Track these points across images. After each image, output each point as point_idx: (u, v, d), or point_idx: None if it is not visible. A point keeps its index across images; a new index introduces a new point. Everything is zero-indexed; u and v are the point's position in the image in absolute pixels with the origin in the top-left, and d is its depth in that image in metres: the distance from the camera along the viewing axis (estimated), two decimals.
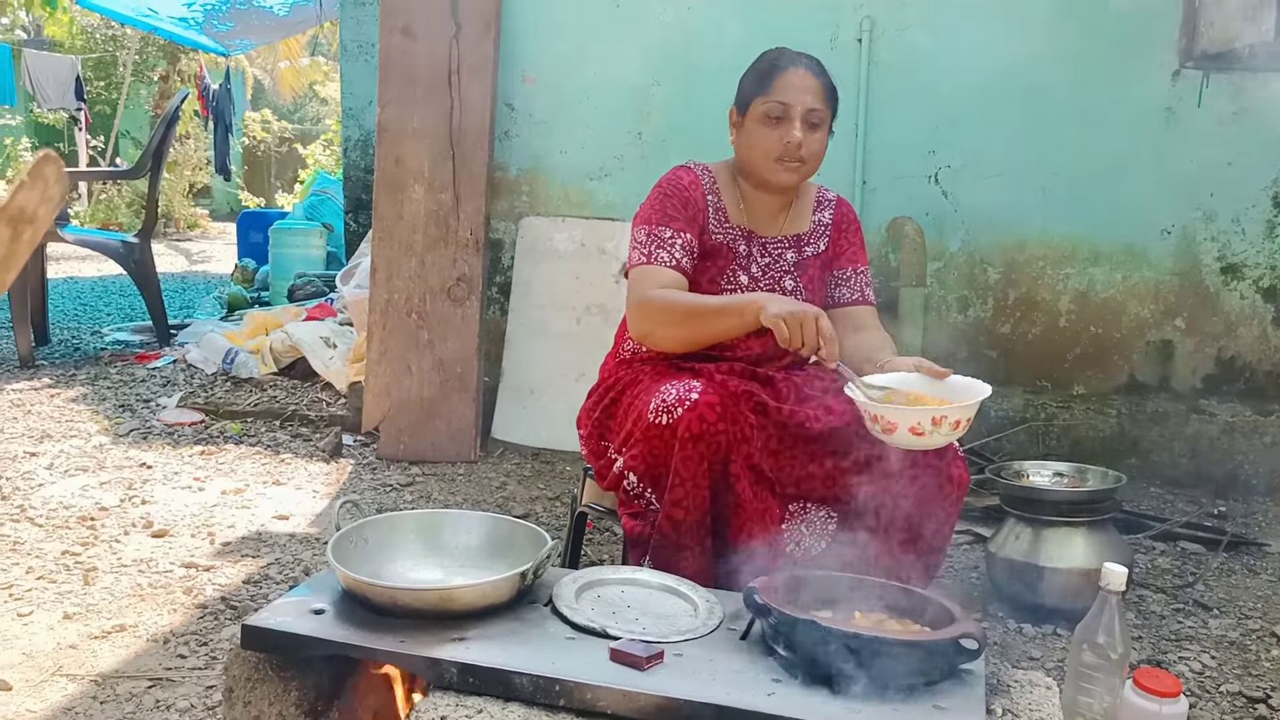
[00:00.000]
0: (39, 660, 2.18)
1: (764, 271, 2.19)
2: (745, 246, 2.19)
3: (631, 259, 2.13)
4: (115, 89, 15.07)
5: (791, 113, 2.07)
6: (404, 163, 3.94)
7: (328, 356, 4.69)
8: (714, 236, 2.16)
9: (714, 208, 2.18)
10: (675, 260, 2.08)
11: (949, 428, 1.74)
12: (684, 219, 2.12)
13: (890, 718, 1.36)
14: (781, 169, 2.11)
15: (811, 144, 2.10)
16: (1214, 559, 3.05)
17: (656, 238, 2.10)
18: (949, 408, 1.75)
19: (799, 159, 2.09)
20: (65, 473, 3.48)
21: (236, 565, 2.74)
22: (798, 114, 2.07)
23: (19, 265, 0.89)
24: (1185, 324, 3.81)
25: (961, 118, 3.83)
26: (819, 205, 2.29)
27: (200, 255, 11.83)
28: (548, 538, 1.75)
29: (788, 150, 2.08)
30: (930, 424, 1.73)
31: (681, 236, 2.10)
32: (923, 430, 1.73)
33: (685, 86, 4.02)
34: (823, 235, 2.26)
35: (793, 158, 2.09)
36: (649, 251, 2.09)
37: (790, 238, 2.23)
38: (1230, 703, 2.19)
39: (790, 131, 2.07)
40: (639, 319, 2.06)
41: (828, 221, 2.28)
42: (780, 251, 2.22)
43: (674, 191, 2.15)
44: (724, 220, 2.19)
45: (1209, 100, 3.68)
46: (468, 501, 3.38)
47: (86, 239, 5.96)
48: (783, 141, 2.07)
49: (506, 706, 1.43)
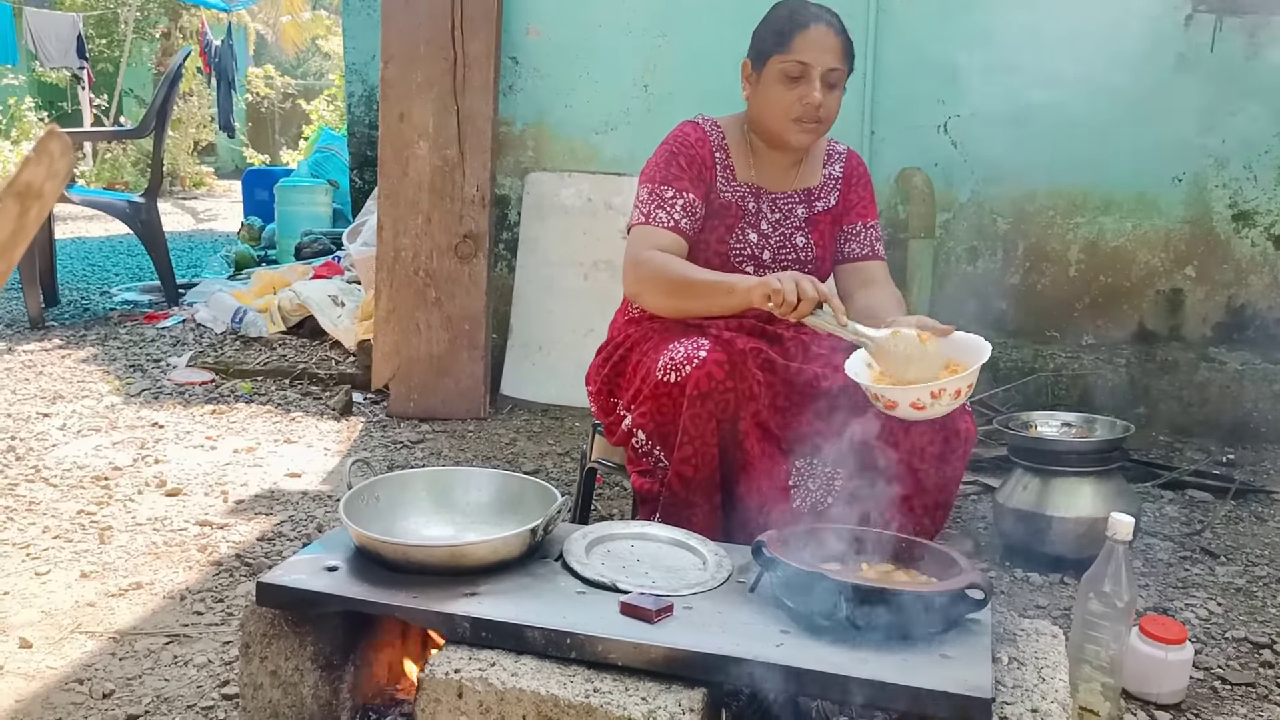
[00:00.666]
0: (58, 618, 2.21)
1: (774, 228, 2.17)
2: (754, 203, 2.16)
3: (632, 217, 2.13)
4: (117, 46, 14.95)
5: (811, 73, 2.02)
6: (408, 118, 3.91)
7: (336, 315, 4.70)
8: (722, 194, 2.14)
9: (722, 165, 2.15)
10: (674, 221, 2.06)
11: (950, 397, 1.75)
12: (689, 178, 2.09)
13: (897, 667, 1.38)
14: (799, 129, 2.07)
15: (830, 104, 2.06)
16: (1222, 507, 3.06)
17: (658, 197, 2.08)
18: (946, 380, 1.75)
19: (817, 119, 2.05)
20: (78, 433, 3.51)
21: (250, 523, 2.77)
22: (817, 74, 2.02)
23: (27, 241, 0.89)
24: (1195, 272, 3.79)
25: (970, 66, 3.79)
26: (829, 159, 2.26)
27: (206, 213, 11.81)
28: (557, 494, 1.77)
29: (807, 111, 2.04)
30: (929, 397, 1.74)
31: (683, 197, 2.08)
32: (923, 404, 1.74)
33: (691, 38, 3.98)
34: (833, 189, 2.24)
35: (811, 118, 2.05)
36: (648, 211, 2.08)
37: (800, 192, 2.21)
38: (1235, 648, 2.21)
39: (810, 92, 2.02)
40: (631, 279, 2.05)
41: (838, 175, 2.25)
42: (790, 207, 2.19)
43: (680, 149, 2.12)
44: (732, 178, 2.16)
45: (1221, 45, 3.62)
46: (478, 458, 3.40)
47: (93, 199, 5.96)
48: (802, 102, 2.03)
49: (519, 659, 1.45)
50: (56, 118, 14.04)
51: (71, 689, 1.92)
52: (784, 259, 2.16)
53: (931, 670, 1.38)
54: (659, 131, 2.23)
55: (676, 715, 1.34)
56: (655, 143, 2.19)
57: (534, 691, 1.39)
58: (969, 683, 1.35)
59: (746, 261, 2.14)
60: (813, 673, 1.37)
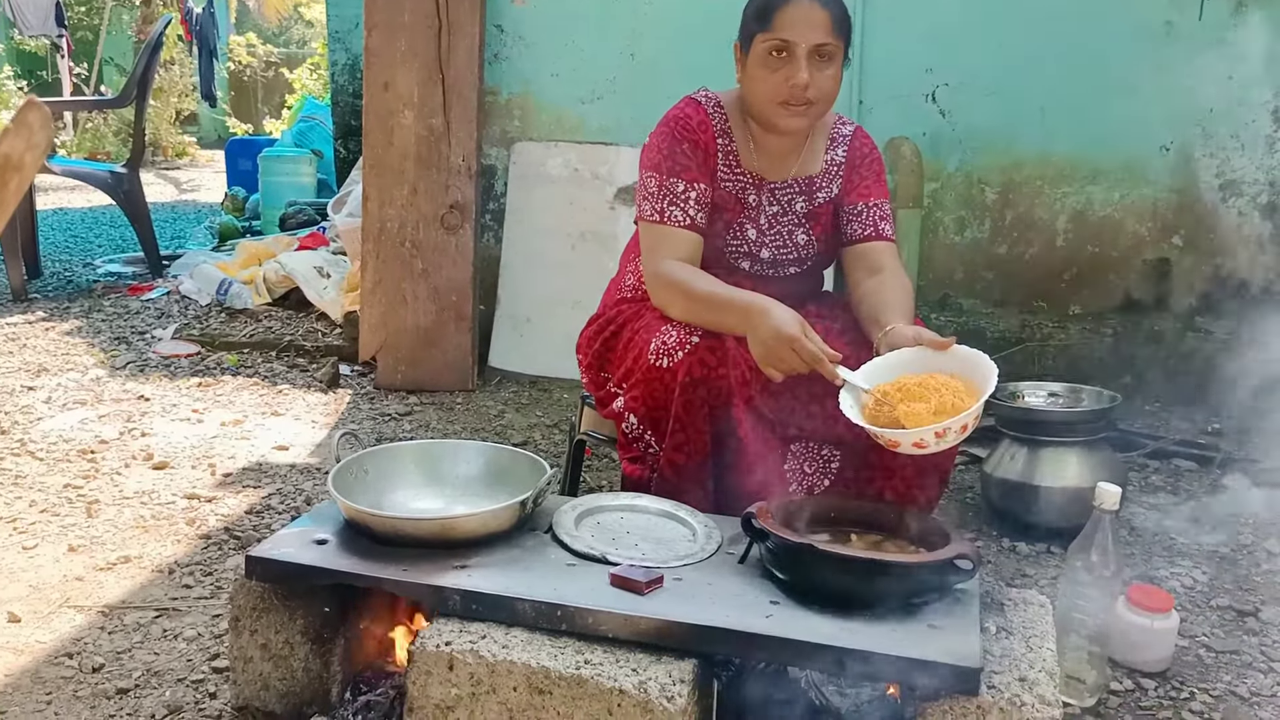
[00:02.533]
0: (46, 592, 2.20)
1: (772, 223, 2.07)
2: (755, 196, 2.06)
3: (642, 210, 2.03)
4: (97, 14, 14.75)
5: (796, 50, 1.88)
6: (393, 87, 3.87)
7: (322, 286, 4.67)
8: (723, 185, 2.04)
9: (724, 151, 2.04)
10: (690, 219, 1.97)
11: (954, 434, 1.64)
12: (696, 167, 2.00)
13: (886, 638, 1.39)
14: (787, 113, 1.94)
15: (822, 82, 1.91)
16: (1207, 476, 3.08)
17: (669, 191, 1.98)
18: (948, 421, 1.63)
19: (806, 101, 1.92)
20: (64, 406, 3.49)
21: (238, 496, 2.76)
22: (803, 52, 1.88)
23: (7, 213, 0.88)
24: (1182, 242, 3.79)
25: (959, 34, 3.77)
26: (833, 142, 2.12)
27: (189, 184, 11.70)
28: (546, 466, 1.77)
29: (793, 94, 1.90)
30: (934, 438, 1.64)
31: (695, 189, 1.98)
32: (926, 444, 1.65)
33: (678, 6, 3.94)
34: (835, 177, 2.12)
35: (799, 100, 1.91)
36: (661, 208, 1.98)
37: (801, 181, 2.09)
38: (1220, 616, 2.23)
39: (796, 73, 1.88)
40: (657, 291, 1.95)
41: (840, 160, 2.12)
42: (790, 199, 2.09)
43: (684, 134, 2.01)
44: (735, 165, 2.05)
45: (1210, 12, 3.61)
46: (466, 430, 3.39)
47: (74, 170, 5.89)
48: (788, 84, 1.89)
49: (509, 632, 1.46)
50: (36, 87, 13.87)
51: (61, 663, 1.92)
52: (784, 257, 2.09)
53: (920, 640, 1.39)
54: (646, 101, 2.19)
55: (667, 686, 1.35)
56: (642, 112, 2.15)
57: (525, 663, 1.39)
58: (957, 652, 1.36)
59: (743, 259, 2.07)
60: (802, 643, 1.38)
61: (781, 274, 2.10)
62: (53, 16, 12.44)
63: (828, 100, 1.97)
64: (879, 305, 1.94)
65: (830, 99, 1.97)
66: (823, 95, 1.94)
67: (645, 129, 2.13)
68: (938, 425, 1.63)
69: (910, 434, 1.65)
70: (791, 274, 2.12)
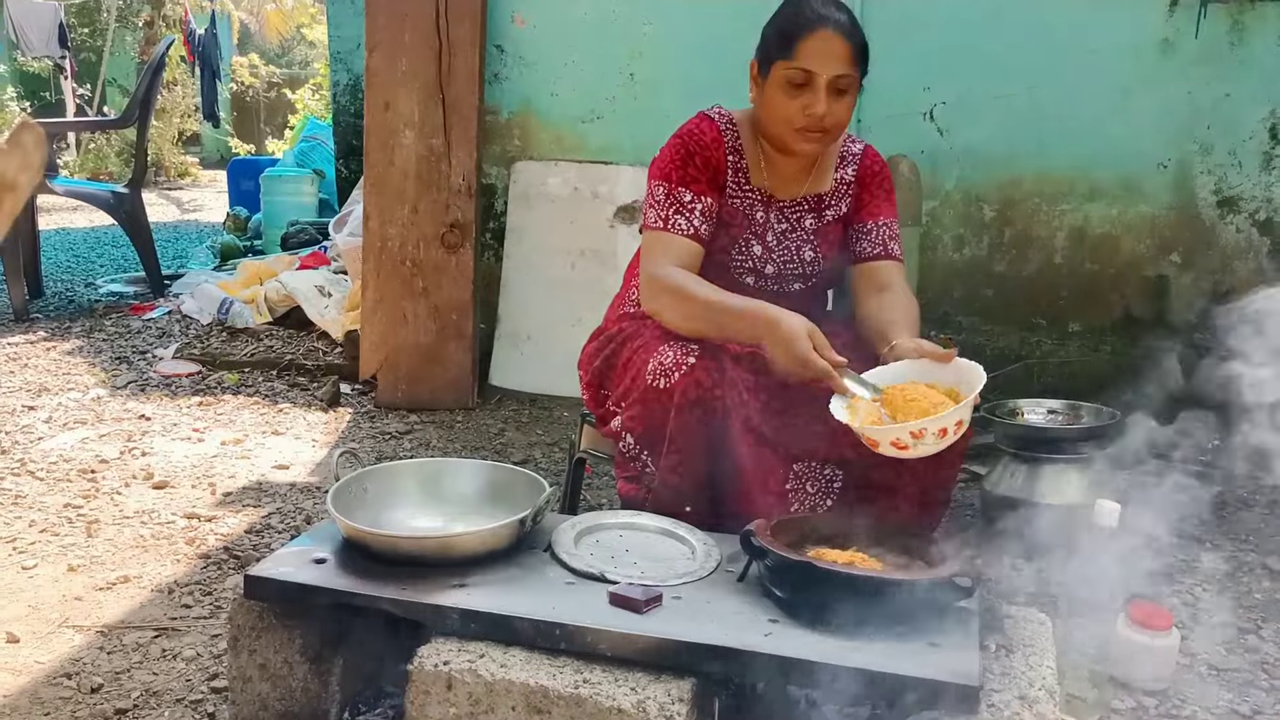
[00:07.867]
0: (45, 612, 2.20)
1: (779, 240, 2.09)
2: (763, 213, 2.09)
3: (647, 217, 2.05)
4: (100, 36, 14.84)
5: (817, 81, 1.91)
6: (394, 107, 3.89)
7: (323, 305, 4.68)
8: (731, 201, 2.06)
9: (734, 168, 2.07)
10: (694, 229, 1.99)
11: (933, 437, 1.66)
12: (705, 180, 2.02)
13: (886, 656, 1.38)
14: (803, 139, 1.97)
15: (839, 112, 1.96)
16: (1207, 492, 3.07)
17: (676, 200, 2.00)
18: (926, 421, 1.65)
19: (822, 129, 1.96)
20: (64, 426, 3.49)
21: (238, 515, 2.76)
22: (823, 83, 1.91)
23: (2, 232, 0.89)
24: (1181, 258, 3.80)
25: (957, 53, 3.79)
26: (843, 161, 2.16)
27: (192, 204, 11.74)
28: (546, 484, 1.77)
29: (811, 122, 1.94)
30: (910, 437, 1.66)
31: (702, 201, 2.01)
32: (905, 444, 1.66)
33: (677, 25, 3.96)
34: (845, 195, 2.15)
35: (816, 128, 1.95)
36: (666, 215, 2.00)
37: (811, 199, 2.12)
38: (1221, 634, 2.22)
39: (814, 103, 1.92)
40: (650, 295, 1.97)
41: (850, 178, 2.15)
42: (799, 216, 2.11)
43: (697, 149, 2.04)
44: (744, 183, 2.08)
45: (1206, 31, 3.63)
46: (466, 448, 3.39)
47: (76, 190, 5.91)
48: (805, 112, 1.93)
49: (508, 651, 1.45)
50: (39, 108, 13.94)
51: (59, 683, 1.92)
52: (789, 273, 2.11)
53: (919, 658, 1.38)
54: (645, 120, 2.21)
55: (666, 705, 1.35)
56: (642, 131, 2.17)
57: (523, 682, 1.39)
58: (957, 670, 1.35)
59: (748, 274, 2.09)
60: (801, 661, 1.38)
61: (786, 289, 2.12)
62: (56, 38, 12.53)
63: (841, 128, 2.01)
64: (885, 322, 1.97)
65: (843, 127, 2.02)
66: (837, 124, 1.98)
67: (645, 148, 2.14)
68: (913, 425, 1.65)
69: (887, 431, 1.67)
70: (796, 290, 2.13)
